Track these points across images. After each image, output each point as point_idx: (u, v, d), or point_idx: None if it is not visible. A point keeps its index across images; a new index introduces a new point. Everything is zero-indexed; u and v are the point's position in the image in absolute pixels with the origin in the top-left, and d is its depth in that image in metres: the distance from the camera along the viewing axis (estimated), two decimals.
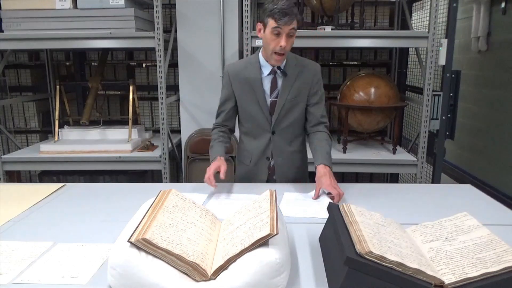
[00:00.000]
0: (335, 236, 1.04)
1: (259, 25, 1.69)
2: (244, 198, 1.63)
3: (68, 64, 3.75)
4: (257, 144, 1.86)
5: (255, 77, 1.77)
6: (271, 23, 1.62)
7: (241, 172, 1.94)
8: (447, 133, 2.79)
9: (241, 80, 1.80)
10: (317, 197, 1.62)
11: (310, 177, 1.93)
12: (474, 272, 0.91)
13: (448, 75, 2.68)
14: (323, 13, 3.00)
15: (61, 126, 3.14)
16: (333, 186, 1.59)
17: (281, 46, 1.64)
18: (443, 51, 2.63)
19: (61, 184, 1.83)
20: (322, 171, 1.65)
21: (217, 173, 1.69)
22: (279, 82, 1.78)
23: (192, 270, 0.95)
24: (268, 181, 1.88)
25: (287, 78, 1.77)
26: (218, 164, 1.70)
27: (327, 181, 1.61)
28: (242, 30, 2.66)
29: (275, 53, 1.67)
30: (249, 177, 1.90)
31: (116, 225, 1.29)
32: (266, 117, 1.81)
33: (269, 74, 1.78)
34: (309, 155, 1.87)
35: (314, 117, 1.83)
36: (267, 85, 1.79)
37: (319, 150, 1.75)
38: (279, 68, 1.75)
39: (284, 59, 1.74)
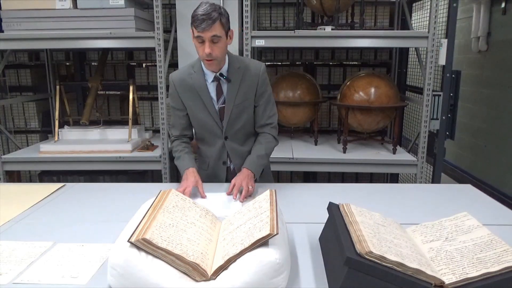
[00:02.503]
0: (335, 236, 1.04)
1: (191, 31, 1.63)
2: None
3: (68, 64, 3.75)
4: (212, 150, 1.85)
5: (200, 84, 1.73)
6: (194, 30, 1.59)
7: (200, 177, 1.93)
8: (447, 133, 2.79)
9: (187, 88, 1.75)
10: (229, 192, 1.64)
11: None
12: (474, 272, 0.91)
13: (448, 75, 2.68)
14: (323, 13, 3.00)
15: (61, 126, 3.14)
16: (242, 181, 1.63)
17: (205, 53, 1.59)
18: (443, 51, 2.62)
19: (61, 184, 1.83)
20: (242, 171, 1.71)
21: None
22: (224, 88, 1.74)
23: (192, 270, 0.95)
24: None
25: (232, 83, 1.73)
26: (193, 181, 1.67)
27: (239, 177, 1.66)
28: (242, 30, 2.66)
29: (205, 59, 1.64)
30: (208, 182, 1.86)
31: (116, 225, 1.29)
32: (217, 123, 1.78)
33: (213, 80, 1.73)
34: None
35: (260, 118, 1.82)
36: (213, 92, 1.75)
37: (252, 153, 1.80)
38: (221, 74, 1.71)
39: (216, 63, 1.67)
